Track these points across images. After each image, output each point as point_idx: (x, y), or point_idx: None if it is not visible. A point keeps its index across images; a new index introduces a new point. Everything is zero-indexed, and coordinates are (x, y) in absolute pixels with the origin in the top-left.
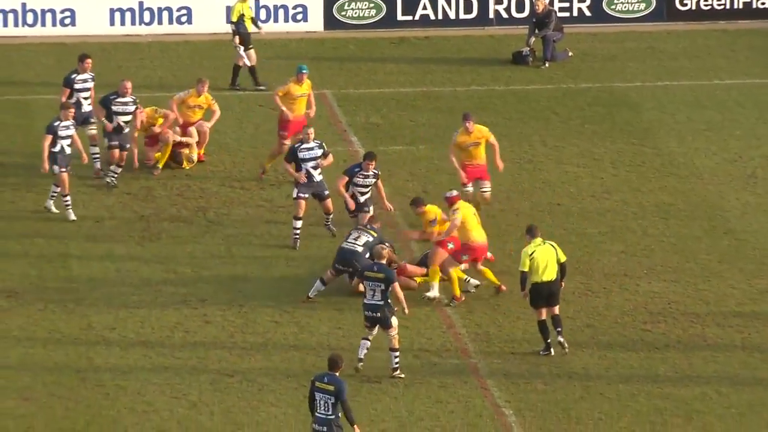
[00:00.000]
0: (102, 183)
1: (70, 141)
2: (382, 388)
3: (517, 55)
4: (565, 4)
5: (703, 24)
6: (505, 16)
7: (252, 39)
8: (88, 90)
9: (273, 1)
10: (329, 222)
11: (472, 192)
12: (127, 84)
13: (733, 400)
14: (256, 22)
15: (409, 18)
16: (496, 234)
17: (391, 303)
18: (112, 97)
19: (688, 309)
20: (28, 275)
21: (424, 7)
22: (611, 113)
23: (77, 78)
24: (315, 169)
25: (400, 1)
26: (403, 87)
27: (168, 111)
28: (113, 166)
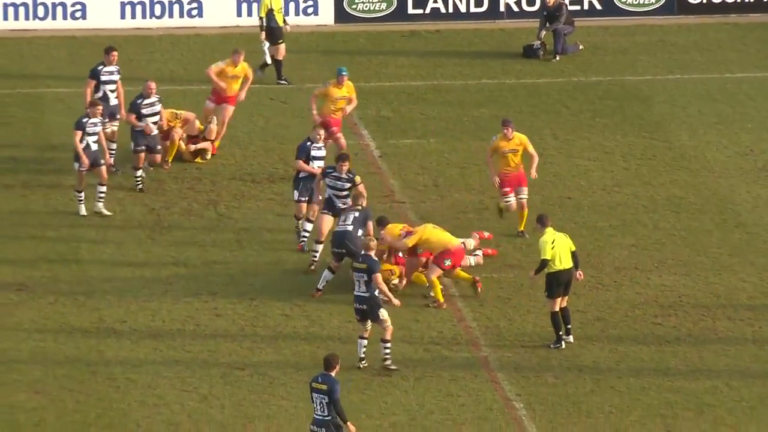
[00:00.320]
0: (115, 176)
1: (96, 138)
2: (392, 381)
3: (528, 48)
4: None
5: (714, 17)
6: (515, 9)
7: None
8: (115, 83)
9: None
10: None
11: (513, 203)
12: (151, 85)
13: (743, 394)
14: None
15: (420, 11)
16: (506, 227)
17: (379, 295)
18: (139, 101)
19: (699, 302)
20: (39, 269)
21: (435, 1)
22: (622, 106)
23: (103, 70)
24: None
25: None
26: (413, 80)
27: (188, 114)
28: (140, 170)
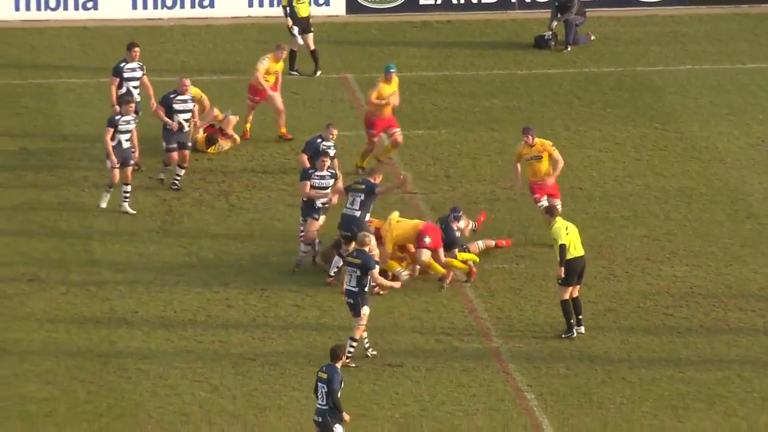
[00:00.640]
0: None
1: (129, 135)
2: (403, 372)
3: (539, 39)
4: None
5: (725, 8)
6: (527, 0)
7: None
8: (137, 79)
9: None
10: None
11: (544, 206)
12: (186, 82)
13: (755, 385)
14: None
15: (432, 2)
16: (518, 219)
17: (367, 292)
18: (172, 96)
19: (711, 293)
20: (51, 259)
21: None
22: (633, 97)
23: (126, 67)
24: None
25: None
26: (425, 71)
27: (207, 102)
28: (178, 169)
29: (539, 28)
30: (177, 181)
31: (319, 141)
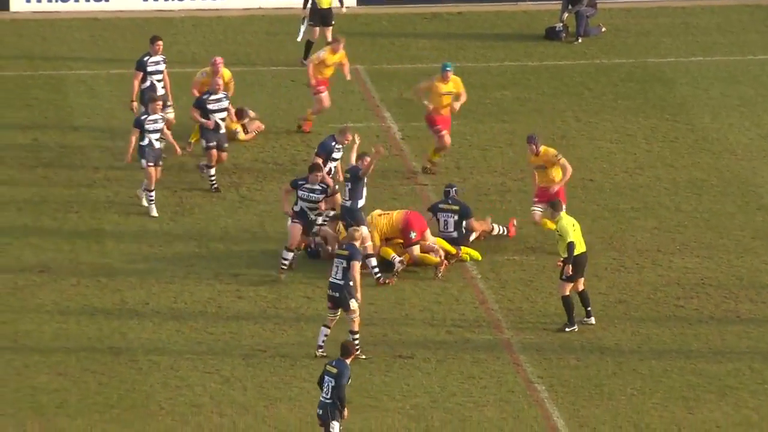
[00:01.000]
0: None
1: (158, 135)
2: (414, 363)
3: (550, 30)
4: None
5: None
6: None
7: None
8: (161, 72)
9: None
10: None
11: (536, 214)
12: (219, 81)
13: (766, 376)
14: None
15: None
16: (527, 210)
17: (352, 285)
18: (206, 96)
19: (721, 285)
20: (62, 250)
21: None
22: (644, 89)
23: (149, 60)
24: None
25: None
26: (435, 62)
27: (259, 124)
28: (212, 169)
29: (550, 19)
30: (213, 181)
31: (333, 144)
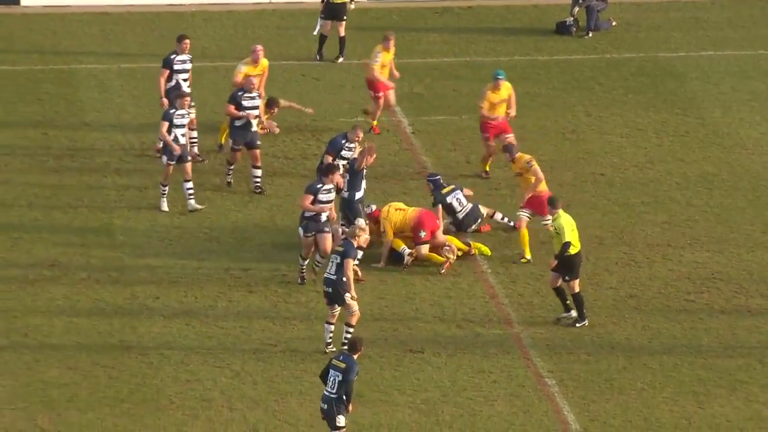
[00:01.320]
0: (152, 155)
1: (184, 131)
2: (424, 358)
3: (561, 24)
4: None
5: None
6: None
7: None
8: (187, 71)
9: None
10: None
11: (521, 218)
12: (253, 80)
13: None
14: None
15: None
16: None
17: (345, 281)
18: (240, 93)
19: (732, 279)
20: (73, 245)
21: None
22: (655, 83)
23: (176, 59)
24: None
25: None
26: (446, 57)
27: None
28: (254, 170)
29: (561, 14)
30: (258, 183)
31: (343, 141)
